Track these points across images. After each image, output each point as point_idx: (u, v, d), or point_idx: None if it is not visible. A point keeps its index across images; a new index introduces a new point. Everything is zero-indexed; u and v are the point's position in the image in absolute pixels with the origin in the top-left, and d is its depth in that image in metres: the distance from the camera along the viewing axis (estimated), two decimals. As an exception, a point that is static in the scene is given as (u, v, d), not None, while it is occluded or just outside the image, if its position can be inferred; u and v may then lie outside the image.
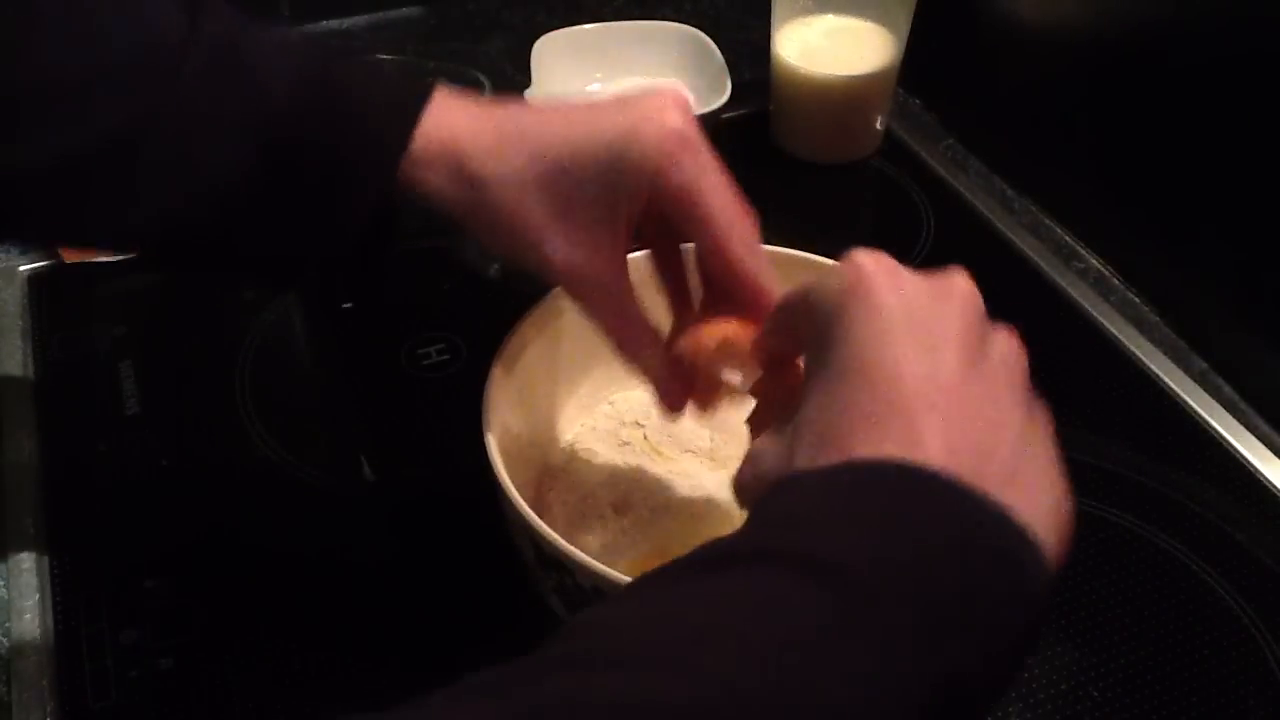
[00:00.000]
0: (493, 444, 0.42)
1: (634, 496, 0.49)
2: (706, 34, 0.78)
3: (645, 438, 0.52)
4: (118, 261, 0.67)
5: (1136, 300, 0.66)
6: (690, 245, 0.42)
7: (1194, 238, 0.63)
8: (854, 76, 0.72)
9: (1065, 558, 0.31)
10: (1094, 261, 0.69)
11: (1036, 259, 0.68)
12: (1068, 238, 0.71)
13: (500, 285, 0.68)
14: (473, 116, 0.41)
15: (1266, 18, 0.56)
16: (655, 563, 0.46)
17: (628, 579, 0.38)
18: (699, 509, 0.49)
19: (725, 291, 0.41)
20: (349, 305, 0.64)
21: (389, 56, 0.76)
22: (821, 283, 0.33)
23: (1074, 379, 0.60)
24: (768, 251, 0.52)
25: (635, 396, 0.54)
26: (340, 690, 0.45)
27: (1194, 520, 0.53)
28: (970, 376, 0.31)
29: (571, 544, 0.39)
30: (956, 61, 0.80)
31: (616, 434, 0.52)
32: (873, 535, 0.27)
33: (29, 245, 0.66)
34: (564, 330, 0.50)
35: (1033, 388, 0.33)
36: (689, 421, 0.52)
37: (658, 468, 0.50)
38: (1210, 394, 0.59)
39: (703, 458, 0.51)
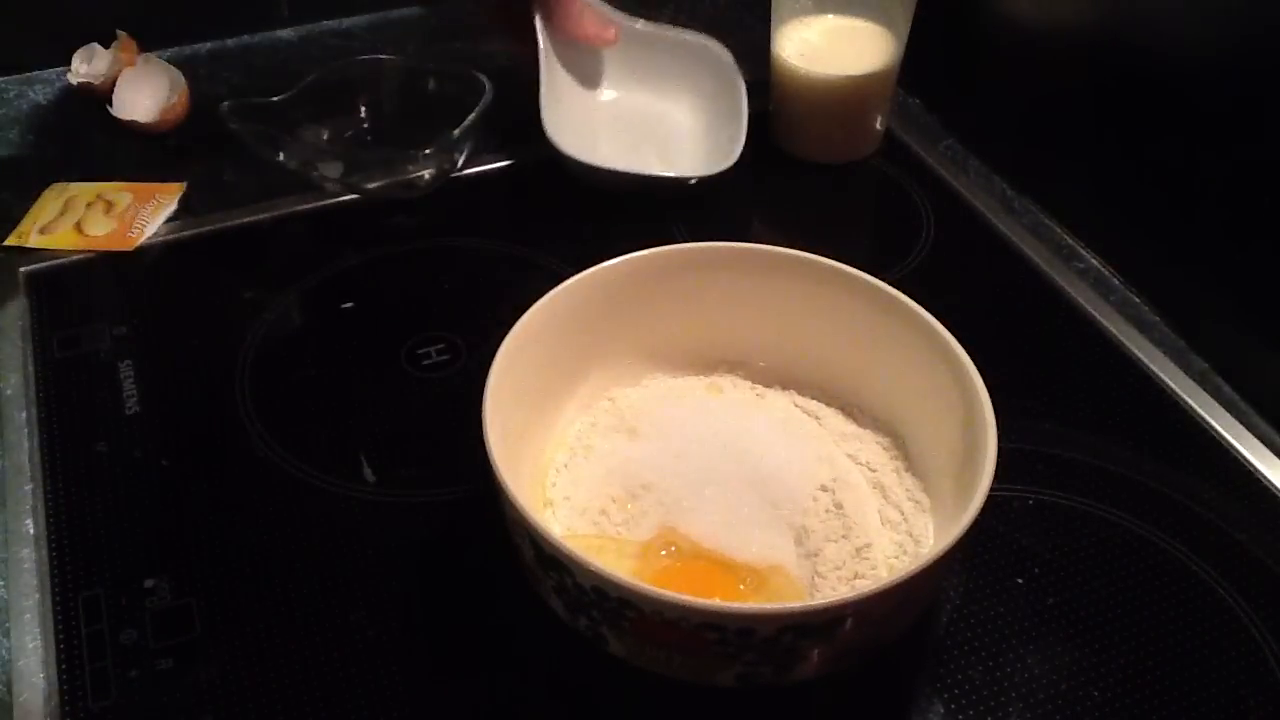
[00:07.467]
0: (493, 444, 0.42)
1: (635, 494, 0.49)
2: (706, 33, 0.77)
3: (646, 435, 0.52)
4: (118, 261, 0.67)
5: (1136, 300, 0.66)
6: None
7: (1194, 238, 0.63)
8: (854, 76, 0.72)
9: None
10: (1094, 261, 0.69)
11: (1036, 259, 0.68)
12: (1068, 238, 0.71)
13: (500, 285, 0.68)
14: None
15: (1266, 17, 0.56)
16: (655, 563, 0.46)
17: (628, 579, 0.38)
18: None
19: None
20: (349, 305, 0.64)
21: (389, 57, 0.76)
22: None
23: (1074, 379, 0.60)
24: (767, 252, 0.52)
25: (635, 394, 0.54)
26: (340, 691, 0.45)
27: (1194, 520, 0.53)
28: None
29: (572, 544, 0.39)
30: (956, 61, 0.80)
31: (617, 431, 0.52)
32: None
33: None
34: (564, 330, 0.50)
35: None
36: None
37: (659, 465, 0.50)
38: (1210, 394, 0.59)
39: (703, 457, 0.51)
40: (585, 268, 0.50)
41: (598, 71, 0.77)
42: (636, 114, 0.77)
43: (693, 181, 0.70)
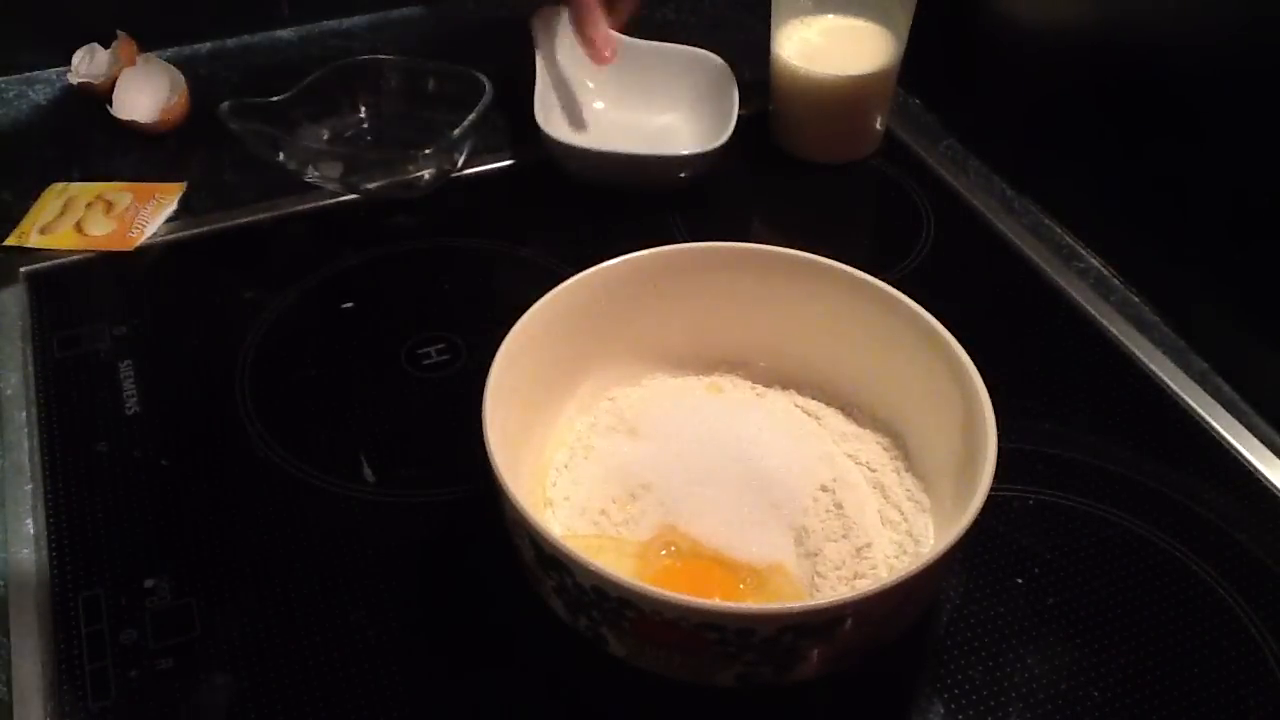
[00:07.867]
0: (493, 444, 0.42)
1: (635, 494, 0.49)
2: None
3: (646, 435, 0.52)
4: (118, 261, 0.67)
5: (1136, 300, 0.66)
6: None
7: (1194, 238, 0.63)
8: (854, 76, 0.72)
9: None
10: (1094, 261, 0.69)
11: (1036, 259, 0.68)
12: (1068, 238, 0.71)
13: (500, 285, 0.68)
14: None
15: (1266, 17, 0.56)
16: (655, 563, 0.46)
17: (628, 579, 0.38)
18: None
19: None
20: (349, 305, 0.64)
21: (389, 57, 0.76)
22: None
23: (1074, 379, 0.60)
24: (767, 252, 0.52)
25: (635, 394, 0.54)
26: (340, 691, 0.45)
27: (1194, 520, 0.53)
28: None
29: (572, 544, 0.39)
30: (956, 61, 0.80)
31: (617, 431, 0.52)
32: None
33: None
34: (564, 330, 0.50)
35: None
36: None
37: (659, 465, 0.50)
38: (1210, 394, 0.59)
39: (703, 457, 0.51)
40: (585, 268, 0.50)
41: (592, 82, 0.77)
42: (628, 117, 0.78)
43: (683, 175, 0.70)
